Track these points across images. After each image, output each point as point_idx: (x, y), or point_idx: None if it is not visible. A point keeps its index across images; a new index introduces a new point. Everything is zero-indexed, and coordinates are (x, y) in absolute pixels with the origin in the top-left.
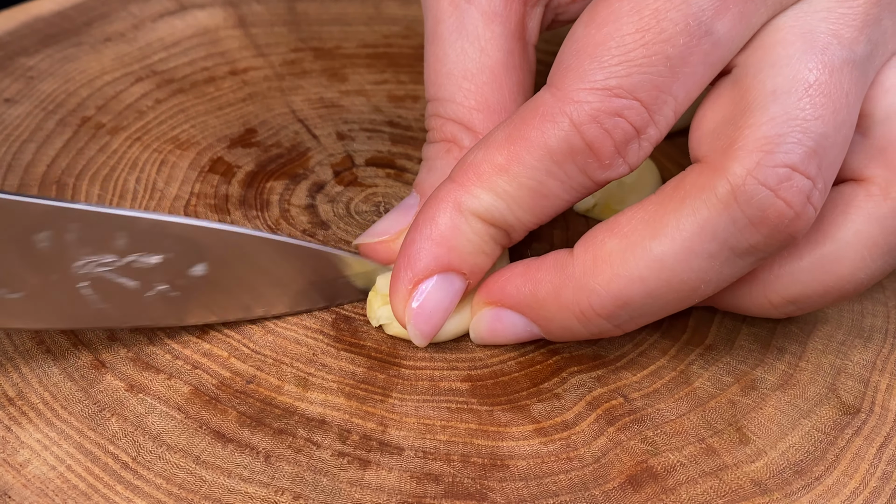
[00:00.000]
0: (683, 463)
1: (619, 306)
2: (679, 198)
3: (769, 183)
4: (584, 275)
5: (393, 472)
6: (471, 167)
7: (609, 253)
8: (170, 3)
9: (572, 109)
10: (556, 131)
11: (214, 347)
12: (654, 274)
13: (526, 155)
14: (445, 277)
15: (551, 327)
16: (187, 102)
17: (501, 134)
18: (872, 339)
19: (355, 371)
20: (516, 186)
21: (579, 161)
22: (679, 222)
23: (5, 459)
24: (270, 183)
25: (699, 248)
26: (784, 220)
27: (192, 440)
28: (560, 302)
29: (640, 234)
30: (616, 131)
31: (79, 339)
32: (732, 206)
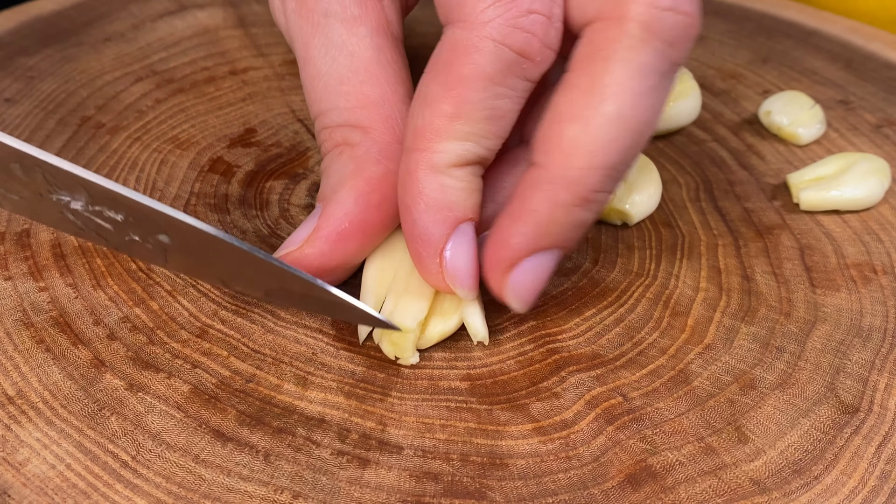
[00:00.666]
0: (682, 462)
1: (608, 173)
2: (602, 59)
3: (668, 5)
4: (565, 170)
5: (392, 471)
6: (424, 129)
7: (574, 138)
8: (170, 3)
9: (489, 30)
10: (485, 57)
11: (214, 346)
12: (621, 130)
13: (470, 92)
14: (459, 231)
15: (570, 237)
16: (187, 102)
17: (434, 86)
18: (871, 338)
19: (355, 370)
20: (474, 122)
21: (517, 70)
22: (617, 78)
23: (5, 458)
24: (270, 182)
25: (643, 88)
26: (689, 29)
27: (192, 439)
28: (562, 207)
29: (589, 106)
30: (535, 26)
31: (78, 339)
32: (650, 40)
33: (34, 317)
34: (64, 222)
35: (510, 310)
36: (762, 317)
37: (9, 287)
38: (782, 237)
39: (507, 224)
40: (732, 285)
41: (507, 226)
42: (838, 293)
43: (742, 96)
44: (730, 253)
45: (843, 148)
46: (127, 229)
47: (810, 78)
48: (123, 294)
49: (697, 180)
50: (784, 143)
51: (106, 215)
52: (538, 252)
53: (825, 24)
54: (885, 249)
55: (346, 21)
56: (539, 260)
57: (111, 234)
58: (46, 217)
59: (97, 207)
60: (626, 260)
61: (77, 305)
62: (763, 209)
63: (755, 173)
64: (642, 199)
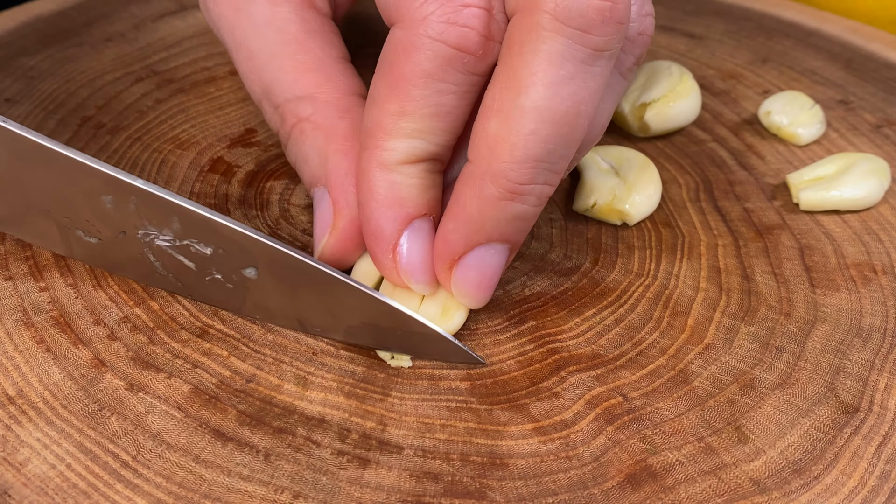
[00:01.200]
0: (682, 462)
1: (533, 166)
2: (517, 51)
3: None
4: (490, 164)
5: (392, 471)
6: (374, 129)
7: (495, 133)
8: (170, 4)
9: (425, 28)
10: (423, 54)
11: (214, 346)
12: (539, 122)
13: (412, 89)
14: (413, 227)
15: (507, 230)
16: (188, 102)
17: (381, 86)
18: (871, 338)
19: (355, 370)
20: (419, 120)
21: (458, 66)
22: (530, 69)
23: (5, 458)
24: (270, 182)
25: (557, 78)
26: (605, 13)
27: (192, 439)
28: (490, 202)
29: (507, 100)
30: (472, 20)
31: (79, 339)
32: (561, 28)
33: (35, 317)
34: (141, 265)
35: (510, 310)
36: (762, 317)
37: (9, 287)
38: (782, 237)
39: (445, 220)
40: (732, 285)
41: (445, 222)
42: (838, 293)
43: (742, 96)
44: (730, 253)
45: (843, 148)
46: (211, 266)
47: (810, 78)
48: (124, 294)
49: (697, 180)
50: (784, 144)
51: (193, 250)
52: (477, 246)
53: (825, 24)
54: (885, 249)
55: (269, 1)
56: (480, 254)
57: (191, 274)
58: (121, 261)
59: (185, 241)
60: (626, 260)
61: (77, 305)
62: (763, 209)
63: (755, 173)
64: (642, 199)
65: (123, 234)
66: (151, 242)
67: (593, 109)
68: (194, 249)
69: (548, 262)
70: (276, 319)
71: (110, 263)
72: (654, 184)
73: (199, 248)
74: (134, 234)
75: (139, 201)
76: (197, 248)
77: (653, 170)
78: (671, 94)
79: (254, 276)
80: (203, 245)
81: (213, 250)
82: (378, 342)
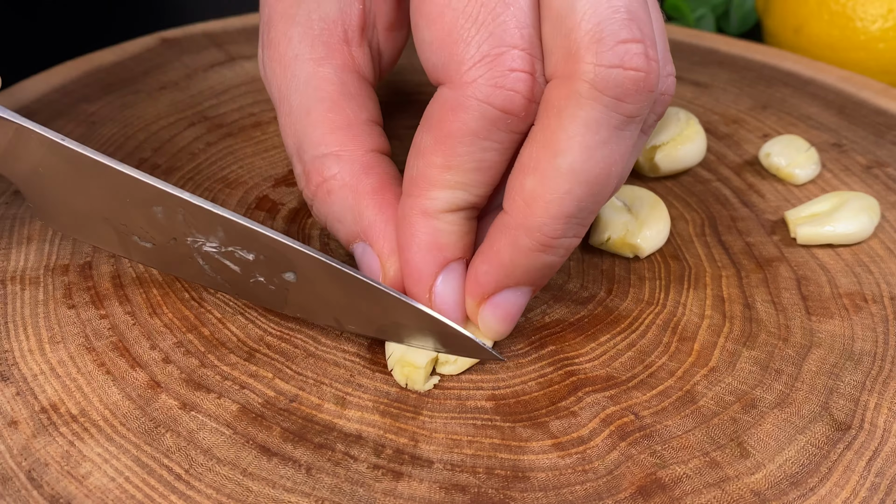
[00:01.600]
0: (689, 475)
1: (566, 222)
2: (556, 115)
3: (614, 62)
4: (525, 218)
5: (423, 483)
6: (418, 178)
7: (532, 190)
8: (219, 55)
9: (472, 90)
10: (471, 115)
11: (260, 369)
12: (574, 183)
13: (458, 146)
14: (449, 269)
15: (535, 277)
16: (236, 145)
17: (427, 139)
18: (862, 361)
19: (389, 391)
20: (463, 174)
21: (502, 126)
22: (568, 133)
23: (69, 472)
24: (311, 219)
25: (593, 142)
26: (640, 83)
27: (240, 454)
28: (522, 252)
29: (544, 160)
30: (517, 84)
31: (136, 362)
32: (598, 97)
33: (96, 342)
34: (192, 268)
35: (531, 336)
36: (762, 342)
37: (72, 315)
38: (781, 269)
39: (478, 262)
40: (735, 313)
41: (479, 264)
42: (832, 320)
43: (744, 140)
44: (732, 283)
45: (837, 187)
46: (254, 270)
47: (806, 123)
48: (177, 321)
49: (703, 217)
50: (782, 183)
51: (237, 256)
52: (506, 289)
53: (820, 73)
54: (875, 280)
55: (314, 60)
56: (508, 296)
57: (237, 276)
58: (174, 263)
59: (230, 248)
60: (637, 290)
61: (135, 332)
62: (763, 243)
63: (756, 210)
64: (652, 234)
65: (174, 241)
66: (200, 248)
67: (623, 170)
68: (238, 255)
69: (566, 291)
70: (316, 318)
71: (164, 264)
72: (663, 220)
73: (243, 254)
74: (183, 240)
75: (186, 212)
76: (240, 254)
77: (662, 207)
78: (679, 138)
79: (293, 280)
80: (246, 251)
81: (255, 256)
82: (407, 339)
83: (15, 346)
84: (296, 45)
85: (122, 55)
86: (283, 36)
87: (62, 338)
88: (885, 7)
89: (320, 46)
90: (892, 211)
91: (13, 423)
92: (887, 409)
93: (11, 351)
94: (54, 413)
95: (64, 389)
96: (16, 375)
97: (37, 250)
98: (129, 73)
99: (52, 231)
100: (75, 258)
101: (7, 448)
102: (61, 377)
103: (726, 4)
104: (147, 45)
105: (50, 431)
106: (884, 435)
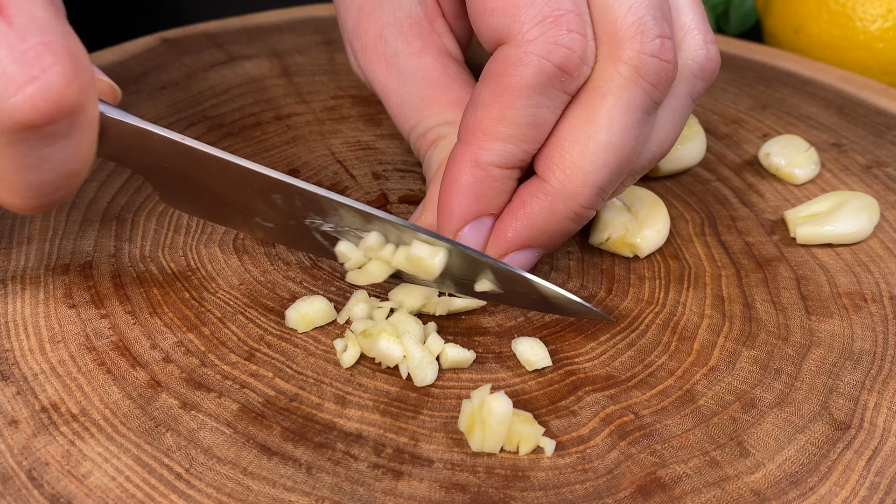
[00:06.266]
0: (689, 474)
1: (598, 193)
2: (599, 94)
3: (654, 53)
4: (564, 186)
5: (423, 483)
6: (474, 128)
7: (572, 160)
8: (220, 55)
9: (533, 47)
10: (530, 70)
11: (261, 368)
12: (612, 156)
13: (516, 100)
14: (478, 221)
15: (555, 241)
16: (236, 145)
17: (485, 92)
18: (862, 361)
19: (389, 390)
20: (517, 127)
21: (557, 83)
22: (610, 111)
23: (70, 471)
24: None
25: (630, 121)
26: (669, 74)
27: (240, 453)
28: (557, 218)
29: (586, 134)
30: (574, 43)
31: (136, 361)
32: (639, 81)
33: (96, 341)
34: (312, 243)
35: (532, 336)
36: (762, 341)
37: (73, 314)
38: (780, 268)
39: (508, 220)
40: (734, 312)
41: (509, 221)
42: (831, 320)
43: (743, 139)
44: (732, 283)
45: (836, 187)
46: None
47: (806, 123)
48: (178, 320)
49: (703, 216)
50: (782, 183)
51: (354, 233)
52: (526, 248)
53: (819, 73)
54: (875, 280)
55: (414, 54)
56: (526, 254)
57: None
58: (295, 241)
59: (345, 228)
60: (637, 289)
61: (135, 331)
62: (762, 243)
63: (755, 210)
64: (652, 233)
65: (294, 222)
66: (318, 228)
67: (641, 149)
68: (354, 233)
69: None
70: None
71: (287, 241)
72: (662, 220)
73: (358, 233)
74: (302, 222)
75: (303, 199)
76: (356, 233)
77: (662, 207)
78: (679, 138)
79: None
80: (362, 231)
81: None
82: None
83: (15, 346)
84: (392, 43)
85: (123, 55)
86: (379, 38)
87: (62, 337)
88: (885, 7)
89: (415, 40)
90: (891, 211)
91: (14, 422)
92: (887, 409)
93: (12, 350)
94: (55, 412)
95: (64, 389)
96: (16, 375)
97: (37, 250)
98: (130, 72)
99: (52, 231)
100: (75, 258)
101: (7, 447)
102: (62, 376)
103: (726, 4)
104: (147, 45)
105: (50, 431)
106: (883, 434)
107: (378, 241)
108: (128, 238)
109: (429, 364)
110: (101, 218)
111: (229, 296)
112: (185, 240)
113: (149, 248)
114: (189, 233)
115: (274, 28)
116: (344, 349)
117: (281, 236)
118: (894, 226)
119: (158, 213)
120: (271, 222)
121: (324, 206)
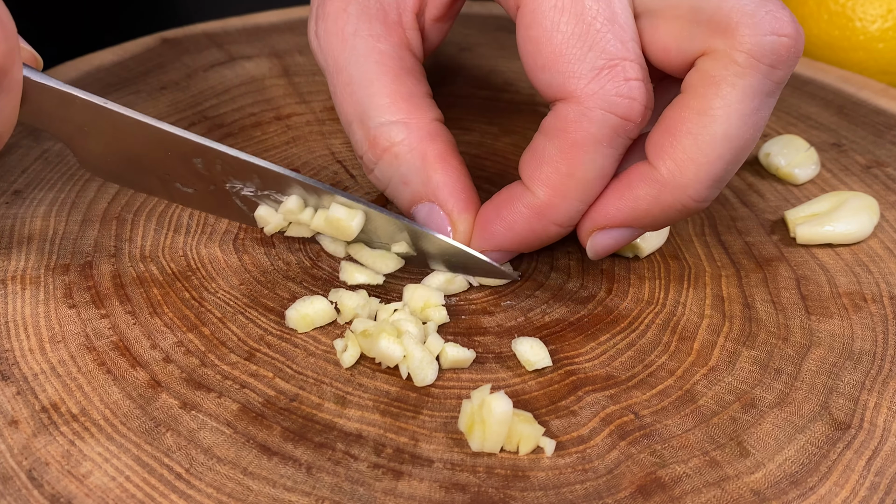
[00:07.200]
0: (689, 474)
1: (711, 186)
2: (714, 84)
3: (769, 31)
4: (674, 177)
5: (423, 483)
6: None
7: (685, 152)
8: (220, 55)
9: (595, 101)
10: (595, 124)
11: (261, 368)
12: (728, 148)
13: (584, 154)
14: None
15: (654, 226)
16: (236, 145)
17: (551, 147)
18: (862, 361)
19: (389, 390)
20: (585, 182)
21: (622, 133)
22: (726, 101)
23: (69, 471)
24: None
25: (748, 109)
26: (791, 49)
27: (240, 453)
28: (662, 206)
29: (700, 125)
30: (634, 92)
31: (136, 361)
32: (756, 65)
33: (96, 341)
34: (232, 209)
35: (532, 335)
36: (762, 341)
37: (73, 314)
38: (780, 268)
39: (612, 198)
40: (734, 312)
41: (612, 200)
42: (831, 320)
43: None
44: (732, 283)
45: (836, 187)
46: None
47: (806, 123)
48: (178, 320)
49: (703, 216)
50: (782, 183)
51: (272, 198)
52: (625, 227)
53: (819, 73)
54: (875, 280)
55: (372, 37)
56: (622, 232)
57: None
58: (215, 206)
59: (266, 192)
60: (637, 289)
61: (135, 331)
62: (763, 243)
63: (755, 210)
64: (652, 234)
65: (214, 187)
66: (238, 192)
67: (760, 133)
68: (273, 198)
69: (566, 291)
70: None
71: (206, 207)
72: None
73: (278, 196)
74: (222, 186)
75: (223, 162)
76: (276, 196)
77: None
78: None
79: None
80: (280, 194)
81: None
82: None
83: (15, 346)
84: (354, 21)
85: (123, 55)
86: (342, 11)
87: (63, 337)
88: (885, 7)
89: (378, 24)
90: (891, 211)
91: (14, 422)
92: (887, 409)
93: (12, 350)
94: (55, 412)
95: (64, 389)
96: (16, 375)
97: (37, 250)
98: (130, 72)
99: (52, 231)
100: (75, 258)
101: (7, 447)
102: (62, 376)
103: None
104: (147, 45)
105: (50, 431)
106: (883, 434)
107: (297, 204)
108: (128, 238)
109: (429, 364)
110: (101, 218)
111: (229, 296)
112: (185, 240)
113: (149, 248)
114: (189, 233)
115: (274, 28)
116: (344, 349)
117: (200, 202)
118: (894, 226)
119: (158, 213)
120: (191, 188)
121: (244, 170)
